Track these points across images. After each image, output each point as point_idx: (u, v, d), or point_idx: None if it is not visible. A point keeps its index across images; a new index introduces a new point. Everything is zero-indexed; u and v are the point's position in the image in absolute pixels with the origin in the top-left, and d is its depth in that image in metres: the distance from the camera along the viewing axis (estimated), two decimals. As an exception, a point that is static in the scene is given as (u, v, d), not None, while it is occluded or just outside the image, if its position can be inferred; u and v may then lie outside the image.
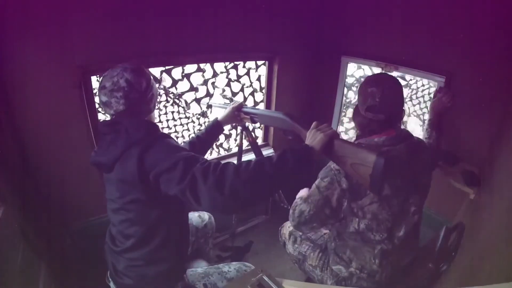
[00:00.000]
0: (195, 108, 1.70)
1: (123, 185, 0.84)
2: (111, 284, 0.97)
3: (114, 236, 0.93)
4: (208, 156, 1.89)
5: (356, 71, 1.89)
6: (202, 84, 1.65)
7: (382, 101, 0.93)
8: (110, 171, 0.84)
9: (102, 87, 0.84)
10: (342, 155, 0.82)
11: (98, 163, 0.86)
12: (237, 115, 1.25)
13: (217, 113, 1.34)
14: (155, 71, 1.49)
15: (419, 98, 1.71)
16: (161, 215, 0.87)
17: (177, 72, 1.55)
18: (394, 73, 1.72)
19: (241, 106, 1.24)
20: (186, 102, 1.65)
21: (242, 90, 1.83)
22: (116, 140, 0.83)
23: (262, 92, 1.95)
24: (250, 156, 1.82)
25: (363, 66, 1.84)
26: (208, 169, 0.70)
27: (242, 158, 1.39)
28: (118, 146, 0.82)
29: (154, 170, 0.76)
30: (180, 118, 1.67)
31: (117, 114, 0.86)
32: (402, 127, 1.91)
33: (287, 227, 1.34)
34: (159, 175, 0.76)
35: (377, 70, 1.75)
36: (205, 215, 1.40)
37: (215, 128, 1.26)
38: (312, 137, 0.82)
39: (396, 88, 0.97)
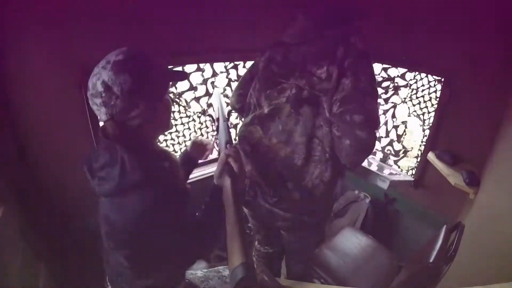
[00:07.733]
0: (195, 107, 1.70)
1: None
2: None
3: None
4: (210, 156, 1.88)
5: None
6: (201, 84, 1.65)
7: None
8: None
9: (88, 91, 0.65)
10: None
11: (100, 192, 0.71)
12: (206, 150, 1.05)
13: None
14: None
15: (419, 98, 1.71)
16: None
17: (177, 72, 1.55)
18: (395, 72, 1.72)
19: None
20: (186, 101, 1.65)
21: (242, 90, 1.84)
22: (110, 170, 0.65)
23: (262, 92, 1.95)
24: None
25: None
26: None
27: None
28: (111, 180, 0.65)
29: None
30: (181, 118, 1.67)
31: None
32: (403, 127, 1.90)
33: None
34: None
35: (377, 70, 1.76)
36: None
37: (186, 165, 1.00)
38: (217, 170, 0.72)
39: None
